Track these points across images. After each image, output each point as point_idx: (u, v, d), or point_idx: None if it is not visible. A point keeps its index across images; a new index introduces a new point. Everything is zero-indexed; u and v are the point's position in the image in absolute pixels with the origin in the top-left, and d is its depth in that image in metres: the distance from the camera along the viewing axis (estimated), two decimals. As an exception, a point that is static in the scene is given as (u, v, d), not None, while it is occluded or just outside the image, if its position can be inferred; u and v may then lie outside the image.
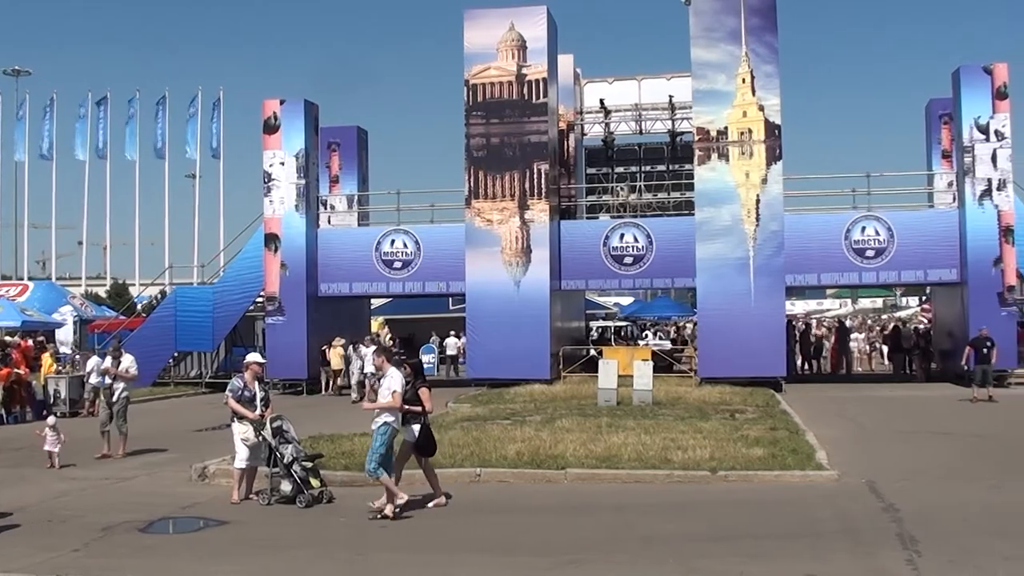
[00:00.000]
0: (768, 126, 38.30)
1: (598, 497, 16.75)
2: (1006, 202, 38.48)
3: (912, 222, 39.92)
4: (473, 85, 40.18)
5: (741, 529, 14.32)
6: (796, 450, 19.95)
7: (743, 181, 38.20)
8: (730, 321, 37.16)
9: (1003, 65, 39.19)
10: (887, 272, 39.92)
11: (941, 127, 44.24)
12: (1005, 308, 38.13)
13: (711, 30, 38.67)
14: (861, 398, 34.80)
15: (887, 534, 13.61)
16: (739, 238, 37.80)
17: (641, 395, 29.50)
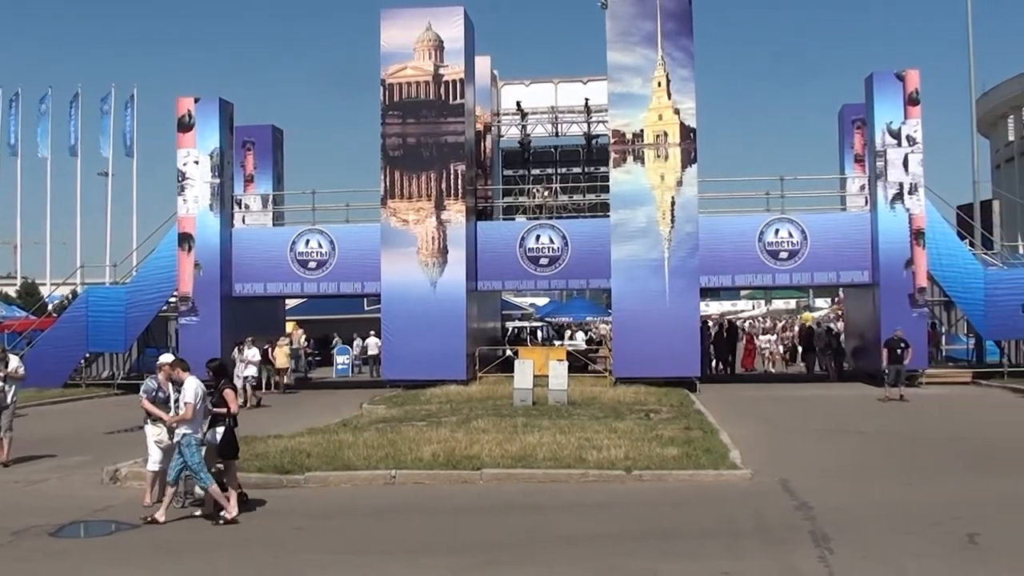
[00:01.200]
0: (683, 129, 38.58)
1: (514, 497, 16.80)
2: (917, 206, 39.11)
3: (825, 225, 40.46)
4: (390, 85, 40.06)
5: (656, 528, 14.42)
6: (710, 449, 20.13)
7: (658, 183, 38.45)
8: (645, 322, 37.39)
9: (915, 71, 39.83)
10: (800, 274, 40.44)
11: (854, 132, 44.89)
12: (916, 309, 38.77)
13: (627, 34, 38.88)
14: (774, 398, 35.18)
15: (800, 532, 13.78)
16: (654, 240, 38.04)
17: (557, 395, 29.57)
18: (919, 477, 18.30)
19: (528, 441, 20.90)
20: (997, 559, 12.40)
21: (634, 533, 14.10)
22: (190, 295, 41.26)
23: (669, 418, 26.05)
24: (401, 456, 19.49)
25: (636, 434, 22.21)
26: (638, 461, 18.79)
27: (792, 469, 18.83)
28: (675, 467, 18.56)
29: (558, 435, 21.71)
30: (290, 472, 18.36)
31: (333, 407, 31.67)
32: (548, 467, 18.54)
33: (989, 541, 13.19)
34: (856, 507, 15.50)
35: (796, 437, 24.56)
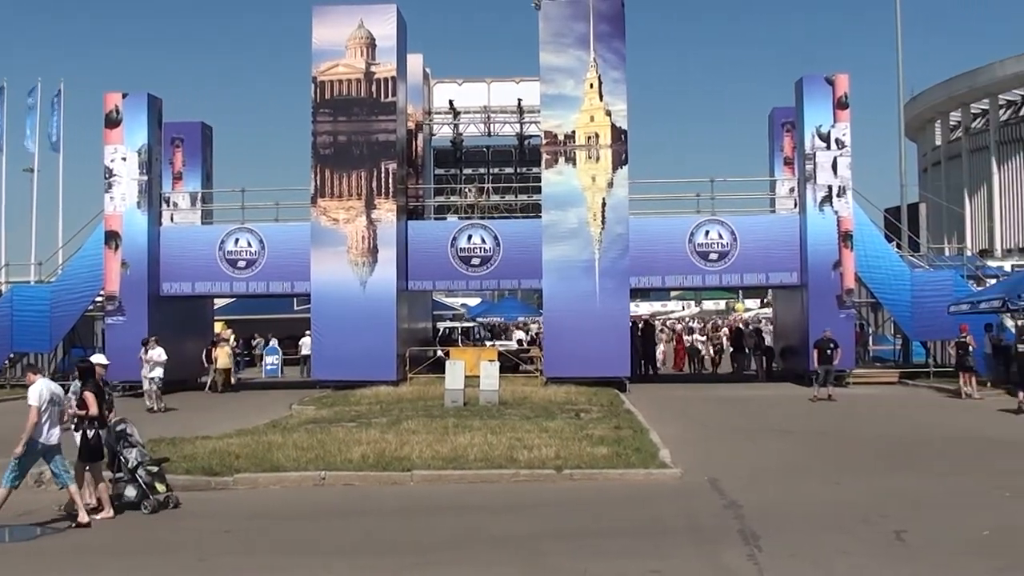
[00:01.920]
0: (615, 131, 38.67)
1: (445, 498, 16.76)
2: (845, 208, 39.51)
3: (754, 226, 40.76)
4: (321, 82, 39.82)
5: (587, 527, 14.45)
6: (640, 449, 20.20)
7: (589, 184, 38.52)
8: (576, 322, 37.43)
9: (844, 76, 40.24)
10: (730, 275, 40.71)
11: (784, 135, 45.25)
12: (843, 310, 39.18)
13: (560, 35, 38.91)
14: (704, 398, 35.39)
15: (729, 530, 13.86)
16: (585, 240, 38.11)
17: (488, 396, 29.56)
18: (847, 476, 18.47)
19: (459, 442, 20.88)
20: (923, 555, 12.55)
21: (565, 532, 14.12)
22: (117, 294, 40.74)
23: (599, 418, 26.14)
24: (331, 457, 19.39)
25: (567, 434, 22.27)
26: (569, 461, 18.83)
27: (721, 468, 18.94)
28: (605, 466, 18.63)
29: (489, 435, 21.73)
30: (218, 474, 18.21)
31: (262, 408, 31.47)
32: (479, 468, 18.52)
33: (916, 538, 13.35)
34: (785, 506, 15.62)
35: (725, 437, 24.69)
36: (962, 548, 13.00)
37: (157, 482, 16.16)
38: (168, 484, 16.42)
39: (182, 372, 40.78)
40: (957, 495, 16.64)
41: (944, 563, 12.25)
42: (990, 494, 16.60)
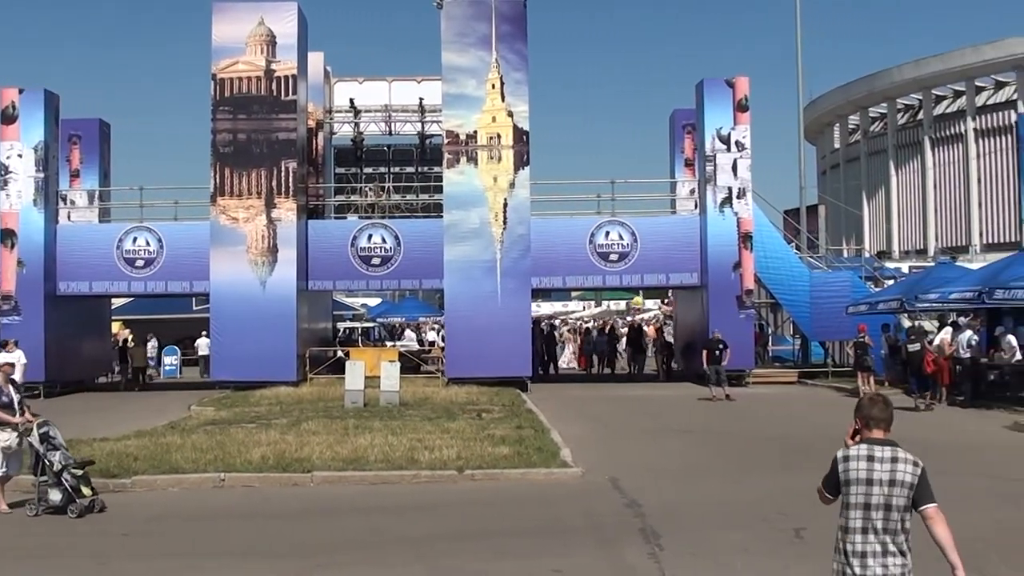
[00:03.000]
0: (516, 131, 38.72)
1: (346, 499, 16.65)
2: (745, 210, 39.89)
3: (655, 227, 40.98)
4: (221, 79, 39.36)
5: (488, 527, 14.44)
6: (541, 448, 20.24)
7: (491, 185, 38.53)
8: (477, 322, 37.42)
9: (744, 79, 40.65)
10: (630, 275, 40.92)
11: (684, 136, 45.56)
12: (743, 311, 39.56)
13: (463, 35, 38.87)
14: (605, 397, 35.53)
15: (630, 529, 13.90)
16: (486, 241, 38.11)
17: (388, 396, 29.42)
18: (747, 474, 18.62)
19: (359, 443, 20.76)
20: (822, 552, 12.53)
21: (466, 533, 14.09)
22: (12, 294, 39.91)
23: (501, 418, 26.14)
24: (230, 459, 19.17)
25: (468, 434, 22.26)
26: (470, 461, 18.81)
27: (622, 467, 19.01)
28: (507, 466, 18.64)
29: (390, 436, 21.65)
30: (116, 476, 17.92)
31: (160, 409, 31.05)
32: (380, 469, 18.42)
33: (814, 535, 13.43)
34: (685, 504, 15.70)
35: (626, 436, 24.80)
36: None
37: (83, 485, 15.77)
38: (94, 487, 16.04)
39: (80, 372, 40.07)
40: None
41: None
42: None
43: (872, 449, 7.03)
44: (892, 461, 6.97)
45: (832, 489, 7.24)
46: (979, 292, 29.85)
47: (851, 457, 7.05)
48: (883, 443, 7.06)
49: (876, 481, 6.93)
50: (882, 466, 6.95)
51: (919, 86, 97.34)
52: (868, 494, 6.94)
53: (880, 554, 6.97)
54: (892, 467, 6.95)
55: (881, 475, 6.93)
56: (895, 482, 6.92)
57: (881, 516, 6.94)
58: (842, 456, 7.11)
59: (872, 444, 7.07)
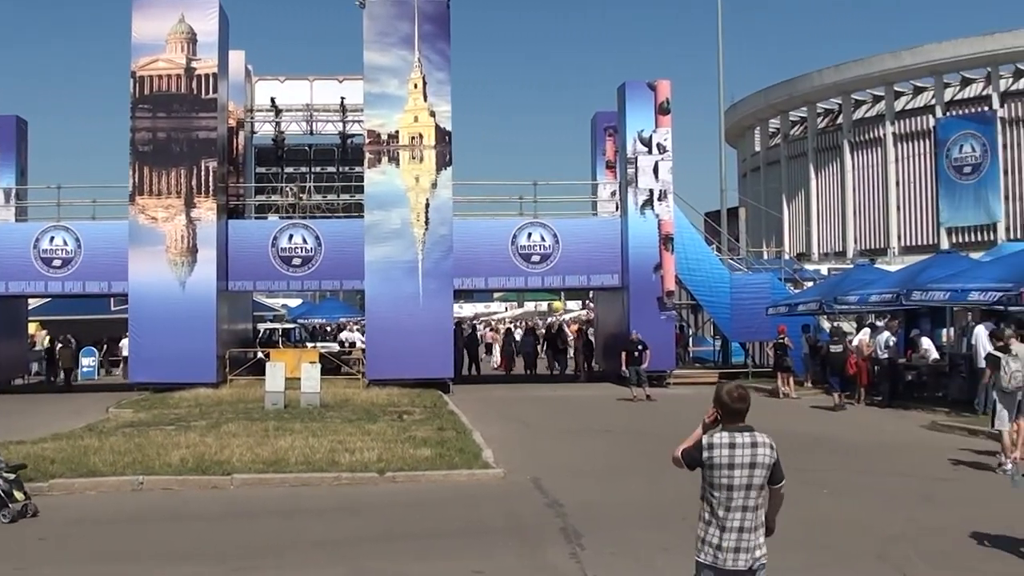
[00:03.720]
0: (439, 132, 38.65)
1: (266, 502, 16.52)
2: (666, 212, 40.11)
3: (577, 229, 41.11)
4: (140, 77, 38.87)
5: (410, 529, 14.40)
6: (463, 449, 20.25)
7: (413, 185, 38.42)
8: (398, 323, 37.29)
9: (666, 82, 40.88)
10: (552, 276, 41.00)
11: (606, 139, 45.77)
12: (664, 312, 39.79)
13: (385, 34, 38.72)
14: (526, 398, 35.57)
15: (552, 529, 13.94)
16: (408, 241, 37.99)
17: (309, 398, 29.24)
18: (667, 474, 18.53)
19: (280, 445, 20.62)
20: None
21: (388, 535, 14.04)
22: (-74, 294, 39.29)
23: (422, 419, 26.14)
24: (149, 462, 18.94)
25: (389, 436, 22.21)
26: (391, 463, 18.76)
27: (544, 468, 19.04)
28: (428, 468, 18.63)
29: (310, 438, 21.53)
30: (32, 480, 17.54)
31: (78, 411, 30.61)
32: (300, 471, 18.31)
33: None
34: (606, 504, 15.77)
35: (548, 436, 24.84)
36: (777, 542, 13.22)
37: (15, 490, 15.45)
38: (26, 491, 15.71)
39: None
40: (774, 492, 16.93)
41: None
42: (806, 490, 16.97)
43: (733, 436, 7.62)
44: (752, 446, 7.59)
45: (691, 465, 7.73)
46: (897, 294, 30.26)
47: (715, 445, 7.58)
48: (742, 429, 7.69)
49: (738, 465, 7.53)
50: (743, 451, 7.55)
51: (839, 91, 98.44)
52: (731, 477, 7.54)
53: (740, 529, 7.61)
54: (753, 451, 7.57)
55: (743, 459, 7.54)
56: (756, 464, 7.56)
57: (742, 496, 7.56)
58: (707, 443, 7.63)
59: (733, 432, 7.66)
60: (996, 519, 14.40)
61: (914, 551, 12.77)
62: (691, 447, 7.80)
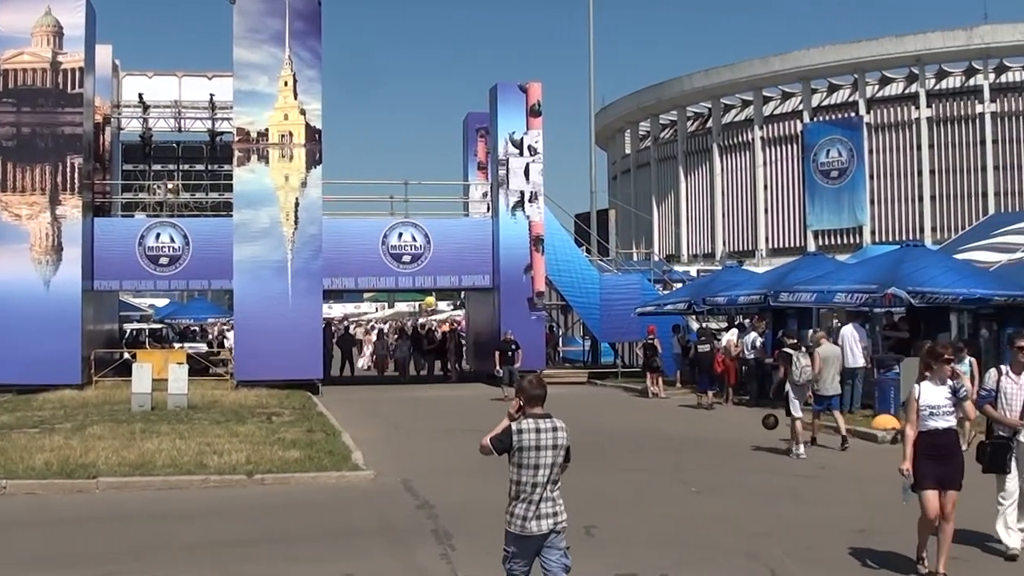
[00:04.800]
0: (309, 130, 38.36)
1: (133, 506, 16.26)
2: (537, 213, 40.35)
3: (448, 229, 41.17)
4: (4, 71, 37.90)
5: (280, 532, 14.28)
6: (332, 451, 20.15)
7: (282, 184, 38.08)
8: (267, 323, 36.91)
9: (537, 84, 41.13)
10: (423, 277, 41.01)
11: (478, 140, 45.92)
12: (535, 312, 40.05)
13: (255, 31, 38.33)
14: (397, 399, 35.49)
15: (423, 530, 13.96)
16: (277, 240, 37.64)
17: (176, 399, 28.81)
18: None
19: (147, 447, 20.30)
20: (611, 549, 12.98)
21: (257, 538, 13.93)
22: None
23: (291, 421, 25.94)
24: (12, 465, 18.48)
25: (258, 438, 22.02)
26: (260, 465, 18.60)
27: (414, 469, 19.04)
28: (297, 470, 18.53)
29: (178, 440, 21.24)
30: None
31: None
32: (168, 474, 18.05)
33: (604, 532, 13.83)
34: (478, 504, 15.75)
35: (418, 437, 24.84)
36: (649, 540, 13.47)
37: None
38: None
39: None
40: (645, 490, 17.28)
41: (630, 554, 12.74)
42: (676, 489, 17.26)
43: (538, 423, 8.90)
44: (553, 430, 8.94)
45: (502, 450, 8.91)
46: (765, 295, 30.74)
47: (523, 430, 8.84)
48: (543, 416, 8.97)
49: (543, 447, 8.87)
50: (547, 434, 8.89)
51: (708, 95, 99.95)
52: (538, 457, 8.85)
53: (544, 500, 8.96)
54: (554, 434, 8.93)
55: (547, 441, 8.88)
56: (556, 445, 8.92)
57: (546, 473, 8.90)
58: (516, 429, 8.85)
59: (536, 418, 8.93)
60: (858, 516, 14.79)
61: (782, 548, 12.98)
62: (499, 434, 8.94)
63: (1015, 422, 12.22)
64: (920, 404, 11.31)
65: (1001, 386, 12.41)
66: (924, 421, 11.30)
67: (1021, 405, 12.24)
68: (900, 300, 25.38)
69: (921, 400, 11.32)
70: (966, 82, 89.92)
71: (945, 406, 11.32)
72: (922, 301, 25.44)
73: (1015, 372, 12.40)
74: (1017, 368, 12.41)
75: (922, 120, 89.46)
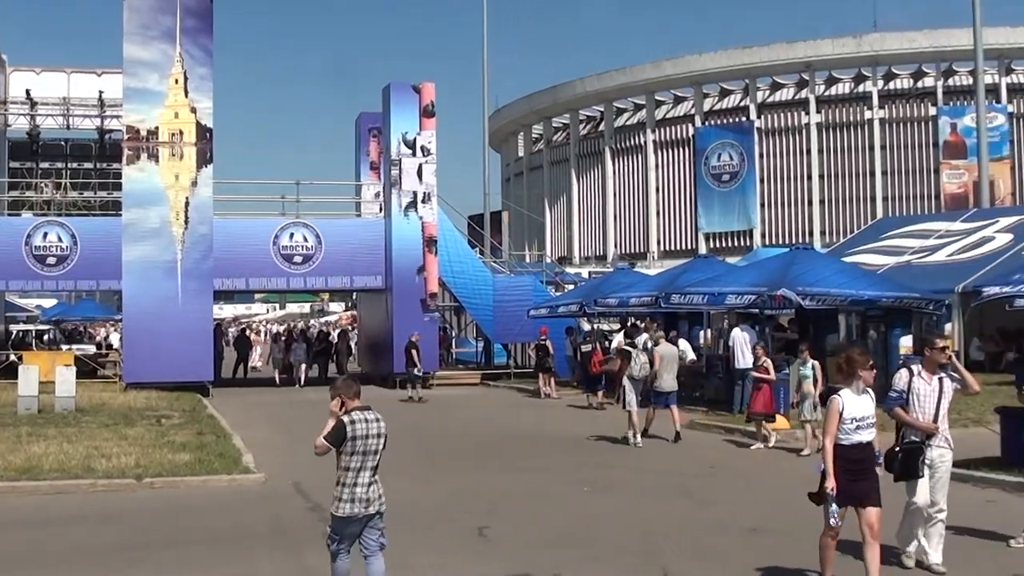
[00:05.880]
0: (200, 129, 37.88)
1: (20, 511, 15.94)
2: (430, 214, 40.22)
3: (340, 230, 40.92)
4: None
5: (169, 536, 14.12)
6: (223, 454, 19.96)
7: (172, 183, 37.54)
8: (157, 325, 36.31)
9: (431, 85, 40.99)
10: (315, 278, 40.74)
11: (371, 140, 45.68)
12: (427, 314, 39.91)
13: (146, 28, 37.75)
14: (289, 401, 35.21)
15: (314, 533, 13.79)
16: (167, 240, 37.09)
17: (64, 402, 28.28)
18: (433, 475, 18.88)
19: (33, 451, 19.92)
20: (503, 549, 13.04)
21: (145, 543, 13.72)
22: None
23: (181, 423, 25.64)
24: None
25: (147, 441, 21.72)
26: (149, 468, 18.35)
27: (306, 472, 18.79)
28: (188, 473, 18.32)
29: (65, 444, 20.87)
30: None
31: None
32: (55, 478, 17.71)
33: (496, 533, 13.92)
34: (372, 507, 15.71)
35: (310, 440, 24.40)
36: (542, 541, 13.52)
37: None
38: None
39: None
40: (537, 491, 17.35)
41: (521, 555, 12.77)
42: (568, 489, 17.34)
43: (364, 414, 10.09)
44: (376, 420, 10.13)
45: (338, 443, 10.04)
46: (656, 297, 30.93)
47: (355, 420, 10.00)
48: (365, 408, 10.15)
49: (371, 435, 10.04)
50: (371, 425, 10.07)
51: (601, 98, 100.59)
52: (366, 445, 10.02)
53: (370, 484, 10.11)
54: (378, 424, 10.14)
55: (373, 430, 10.07)
56: (380, 434, 10.13)
57: (372, 459, 10.08)
58: (349, 421, 9.99)
59: (361, 411, 10.12)
60: (749, 514, 15.01)
61: (675, 546, 13.11)
62: (332, 431, 10.11)
63: (930, 426, 11.68)
64: (845, 416, 10.50)
65: (913, 387, 11.78)
66: (848, 435, 10.50)
67: (935, 407, 11.70)
68: (790, 302, 25.70)
69: (846, 412, 10.50)
70: (855, 88, 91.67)
71: (870, 417, 10.60)
72: (811, 303, 25.82)
73: (928, 372, 11.82)
74: (931, 369, 11.83)
75: (812, 125, 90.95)
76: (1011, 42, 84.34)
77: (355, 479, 10.09)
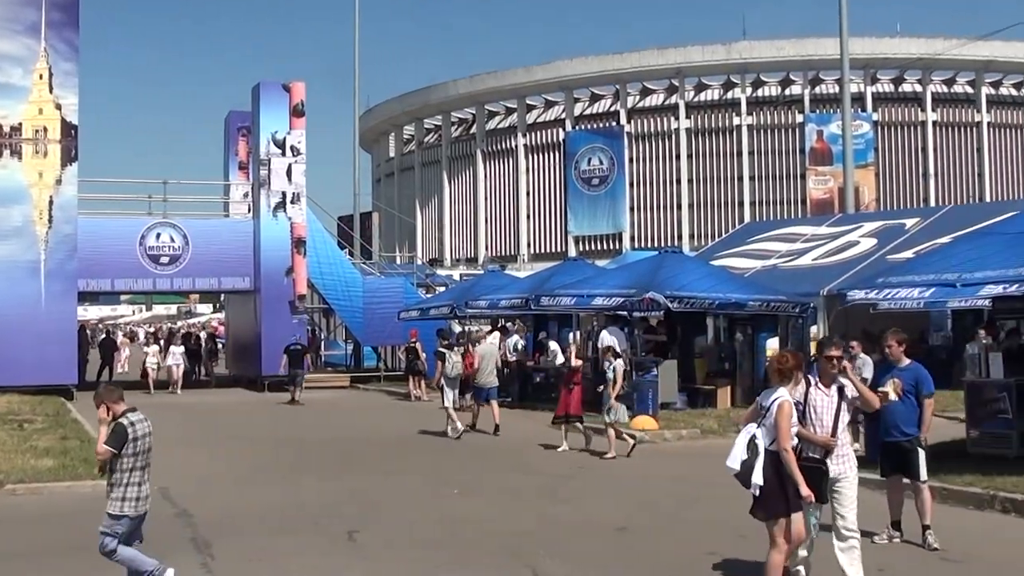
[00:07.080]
0: (65, 125, 37.11)
1: None
2: (299, 215, 39.92)
3: (208, 230, 40.41)
4: None
5: (31, 544, 13.83)
6: (88, 459, 19.46)
7: (36, 181, 36.71)
8: (19, 326, 35.42)
9: (301, 84, 40.71)
10: (182, 279, 40.19)
11: (239, 139, 45.21)
12: (296, 316, 39.62)
13: (11, 21, 36.83)
14: (156, 404, 34.47)
15: (182, 540, 13.69)
16: (30, 240, 36.24)
17: (-80, 405, 27.63)
18: (302, 479, 18.74)
19: None
20: (373, 553, 13.02)
21: (9, 552, 13.37)
22: None
23: (44, 428, 25.13)
24: None
25: (9, 446, 21.27)
26: (11, 474, 17.96)
27: (174, 477, 18.51)
28: (51, 479, 17.99)
29: (-78, 449, 20.28)
30: None
31: None
32: (-90, 485, 17.20)
33: (366, 537, 13.86)
34: (239, 512, 15.60)
35: (178, 444, 24.14)
36: (412, 543, 13.50)
37: None
38: None
39: None
40: (407, 494, 17.35)
41: (391, 558, 12.76)
42: (438, 491, 17.35)
43: (136, 415, 10.61)
44: (144, 420, 10.72)
45: (120, 446, 10.39)
46: (526, 299, 31.06)
47: (133, 422, 10.49)
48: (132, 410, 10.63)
49: (146, 435, 10.69)
50: (144, 424, 10.69)
51: (473, 101, 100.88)
52: (144, 445, 10.60)
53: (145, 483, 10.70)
54: (147, 424, 10.74)
55: (147, 429, 10.72)
56: (150, 433, 10.74)
57: (147, 456, 10.69)
58: (128, 423, 10.42)
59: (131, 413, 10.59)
60: (617, 514, 15.16)
61: (543, 547, 13.18)
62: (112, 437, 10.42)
63: (827, 440, 10.69)
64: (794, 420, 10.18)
65: (809, 399, 10.78)
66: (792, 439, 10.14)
67: (832, 420, 10.74)
68: (658, 304, 25.92)
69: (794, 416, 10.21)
70: (724, 95, 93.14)
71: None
72: (680, 305, 26.12)
73: (825, 384, 10.87)
74: (827, 380, 10.87)
75: (681, 131, 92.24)
76: (876, 52, 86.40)
77: (136, 478, 10.56)
